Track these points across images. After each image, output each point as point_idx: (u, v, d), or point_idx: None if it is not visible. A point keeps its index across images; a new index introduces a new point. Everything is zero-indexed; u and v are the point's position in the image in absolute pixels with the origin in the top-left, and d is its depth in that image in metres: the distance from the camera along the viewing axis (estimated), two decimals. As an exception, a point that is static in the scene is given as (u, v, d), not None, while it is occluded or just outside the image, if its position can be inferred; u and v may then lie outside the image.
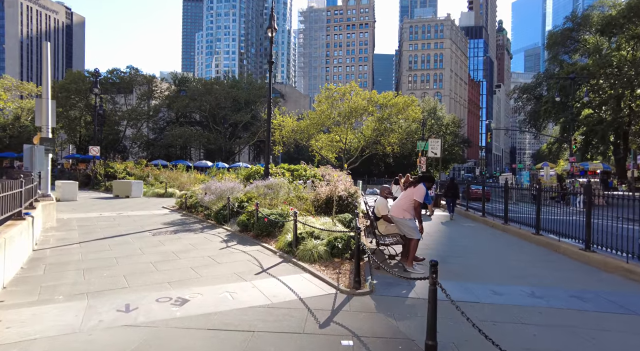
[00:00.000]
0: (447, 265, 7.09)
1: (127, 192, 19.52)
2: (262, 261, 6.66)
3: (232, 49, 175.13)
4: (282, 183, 13.00)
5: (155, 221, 11.34)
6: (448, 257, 7.78)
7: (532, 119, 56.36)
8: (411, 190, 6.65)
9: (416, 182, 6.75)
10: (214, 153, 54.20)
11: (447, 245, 9.23)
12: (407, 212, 6.56)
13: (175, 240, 8.50)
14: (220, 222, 10.76)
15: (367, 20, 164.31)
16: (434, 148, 21.36)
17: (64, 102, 46.11)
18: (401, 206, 6.66)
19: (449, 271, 6.59)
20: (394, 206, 6.80)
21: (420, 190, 6.58)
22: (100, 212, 13.27)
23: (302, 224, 7.38)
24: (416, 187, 6.62)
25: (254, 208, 9.34)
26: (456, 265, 7.09)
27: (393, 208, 6.78)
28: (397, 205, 6.74)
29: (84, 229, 9.66)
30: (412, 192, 6.61)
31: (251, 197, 11.59)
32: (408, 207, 6.56)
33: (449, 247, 9.03)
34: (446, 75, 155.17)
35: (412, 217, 6.54)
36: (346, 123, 43.81)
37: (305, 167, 19.30)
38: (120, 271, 5.79)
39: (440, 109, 55.12)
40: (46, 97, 11.02)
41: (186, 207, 13.93)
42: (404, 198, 6.73)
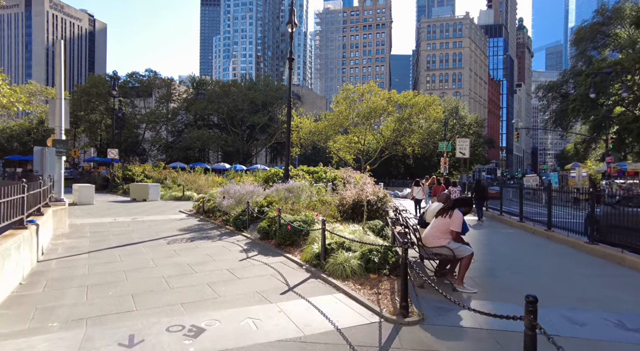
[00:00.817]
0: (498, 280, 6.15)
1: (144, 195, 19.12)
2: (288, 276, 5.86)
3: (249, 52, 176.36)
4: (303, 186, 12.22)
5: (170, 227, 10.72)
6: (495, 270, 6.83)
7: (558, 118, 54.10)
8: (445, 221, 5.66)
9: (450, 208, 5.73)
10: (232, 155, 54.01)
11: (490, 255, 8.24)
12: (441, 239, 5.63)
13: (191, 249, 7.80)
14: (239, 228, 10.05)
15: (384, 20, 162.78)
16: (462, 149, 20.23)
17: (85, 105, 46.75)
18: (432, 235, 5.73)
19: (503, 289, 5.65)
20: (426, 236, 5.87)
21: (457, 218, 5.62)
22: (115, 216, 12.77)
23: (329, 233, 6.56)
24: (452, 216, 5.64)
25: (276, 214, 8.57)
26: (509, 280, 6.14)
27: (425, 238, 5.86)
28: (429, 234, 5.81)
29: (96, 236, 9.09)
30: (447, 222, 5.62)
31: (271, 201, 10.85)
32: (442, 235, 5.64)
33: (492, 257, 8.05)
34: (465, 75, 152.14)
35: (450, 239, 5.63)
36: (365, 124, 42.85)
37: (325, 169, 18.50)
38: (128, 289, 5.09)
39: (463, 108, 53.49)
40: (59, 98, 10.56)
41: (204, 211, 13.32)
42: (435, 227, 5.76)
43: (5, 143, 46.67)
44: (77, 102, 47.38)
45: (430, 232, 5.74)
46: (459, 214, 5.65)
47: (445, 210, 5.75)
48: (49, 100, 10.18)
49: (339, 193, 11.28)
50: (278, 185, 12.11)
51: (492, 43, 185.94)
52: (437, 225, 5.71)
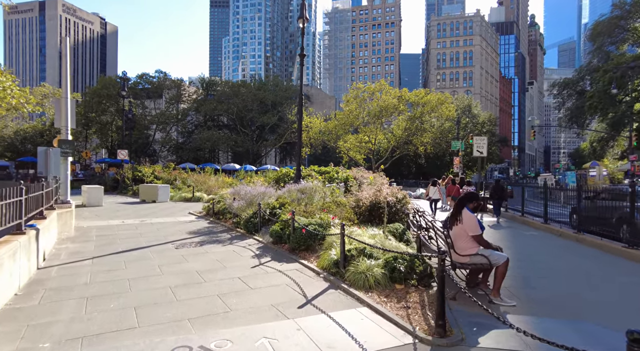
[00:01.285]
0: (536, 291, 5.56)
1: (154, 197, 18.83)
2: (305, 286, 5.35)
3: (257, 52, 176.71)
4: (316, 187, 11.73)
5: (179, 230, 10.32)
6: (530, 278, 6.24)
7: (574, 116, 52.75)
8: (459, 228, 5.08)
9: (457, 213, 5.13)
10: (242, 156, 53.83)
11: (520, 261, 7.62)
12: (472, 247, 5.05)
13: (200, 254, 7.36)
14: (250, 231, 9.60)
15: (393, 19, 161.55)
16: (479, 147, 19.52)
17: (96, 107, 46.97)
18: (460, 246, 5.12)
19: (545, 302, 5.07)
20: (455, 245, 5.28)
21: (469, 220, 5.03)
22: (123, 219, 12.43)
23: (347, 238, 6.05)
24: (463, 220, 5.04)
25: (289, 217, 8.09)
26: (549, 291, 5.54)
27: (455, 247, 5.27)
28: (456, 244, 5.22)
29: (102, 240, 8.71)
30: (462, 228, 5.04)
31: (284, 202, 10.37)
32: (468, 243, 5.06)
33: (523, 263, 7.43)
34: (476, 73, 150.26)
35: (477, 245, 5.04)
36: (375, 123, 42.21)
37: (336, 169, 17.99)
38: (131, 301, 4.64)
39: (475, 107, 52.39)
40: (65, 97, 10.24)
41: (214, 213, 12.91)
42: (457, 238, 5.16)
43: (19, 145, 47.16)
44: (88, 104, 47.65)
45: (456, 243, 5.15)
46: (469, 215, 5.06)
47: (454, 217, 5.16)
48: (55, 100, 9.86)
49: (353, 194, 10.76)
50: (290, 186, 11.64)
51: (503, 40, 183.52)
52: (457, 235, 5.13)
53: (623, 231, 8.76)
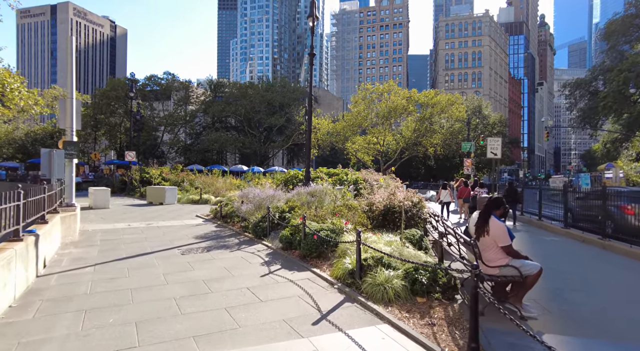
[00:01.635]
0: (571, 306, 5.10)
1: (161, 199, 18.62)
2: (318, 298, 4.97)
3: (265, 54, 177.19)
4: (326, 189, 11.34)
5: (186, 234, 10.00)
6: (562, 290, 5.77)
7: (587, 116, 51.73)
8: (488, 239, 4.61)
9: (484, 222, 4.66)
10: (249, 157, 53.69)
11: (546, 270, 7.10)
12: (501, 258, 4.60)
13: (207, 261, 7.02)
14: (259, 236, 9.25)
15: (400, 20, 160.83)
16: (493, 148, 18.97)
17: (105, 108, 47.17)
18: (488, 258, 4.69)
19: (583, 319, 4.63)
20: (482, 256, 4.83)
21: (498, 230, 4.56)
22: (129, 222, 12.17)
23: (362, 245, 5.65)
24: (491, 231, 4.56)
25: (300, 222, 7.72)
26: (585, 306, 5.09)
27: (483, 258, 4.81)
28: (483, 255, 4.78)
29: (107, 245, 8.42)
30: (491, 239, 4.58)
31: (293, 206, 10.02)
32: (497, 255, 4.61)
33: (550, 273, 6.93)
34: (485, 74, 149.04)
35: (507, 257, 4.61)
36: (384, 124, 41.73)
37: (345, 171, 17.59)
38: (132, 315, 4.30)
39: (486, 107, 51.59)
40: (70, 97, 10.00)
41: (221, 216, 12.60)
42: (484, 250, 4.71)
43: (29, 146, 47.53)
44: (97, 106, 47.88)
45: (484, 253, 4.71)
46: (498, 224, 4.60)
47: (481, 227, 4.68)
48: (60, 100, 9.62)
49: (365, 198, 10.37)
50: (300, 189, 11.27)
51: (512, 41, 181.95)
52: (485, 245, 4.67)
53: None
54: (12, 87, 16.71)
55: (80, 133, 49.42)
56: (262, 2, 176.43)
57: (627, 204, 9.65)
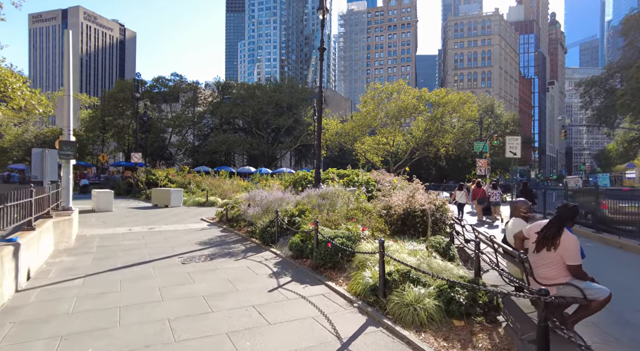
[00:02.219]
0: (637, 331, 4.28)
1: (166, 201, 18.06)
2: (336, 320, 4.23)
3: (273, 56, 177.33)
4: (338, 191, 10.61)
5: (189, 239, 9.35)
6: (622, 311, 4.91)
7: (603, 115, 50.33)
8: (553, 255, 3.77)
9: (556, 234, 3.77)
10: (257, 158, 53.18)
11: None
12: (559, 276, 3.78)
13: (209, 272, 6.33)
14: (266, 242, 8.54)
15: (409, 20, 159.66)
16: (512, 148, 18.08)
17: (113, 110, 47.04)
18: (543, 275, 3.87)
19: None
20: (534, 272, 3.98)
21: (571, 244, 3.69)
22: (130, 226, 11.57)
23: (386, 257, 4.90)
24: (561, 245, 3.71)
25: (311, 228, 7.01)
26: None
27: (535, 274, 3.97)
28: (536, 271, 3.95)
29: (102, 252, 7.79)
30: (557, 255, 3.74)
31: (303, 209, 9.29)
32: (556, 272, 3.80)
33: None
34: (495, 73, 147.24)
35: (570, 275, 3.80)
36: (394, 124, 40.84)
37: (356, 172, 16.85)
38: (117, 343, 3.61)
39: (498, 106, 50.31)
40: (67, 95, 9.42)
41: (227, 219, 11.94)
42: (542, 265, 3.88)
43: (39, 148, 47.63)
44: (106, 107, 47.79)
45: (540, 269, 3.91)
46: (572, 238, 3.73)
47: (550, 239, 3.82)
48: (57, 99, 9.04)
49: (380, 200, 9.62)
50: (310, 191, 10.57)
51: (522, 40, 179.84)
52: (546, 260, 3.85)
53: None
54: (14, 87, 16.29)
55: (89, 136, 49.40)
56: (270, 3, 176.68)
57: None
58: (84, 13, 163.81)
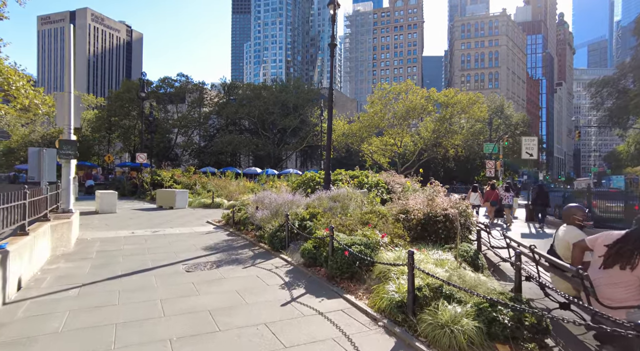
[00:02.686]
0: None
1: (171, 203, 17.64)
2: (361, 344, 3.70)
3: (279, 57, 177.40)
4: (351, 194, 10.09)
5: (194, 244, 8.86)
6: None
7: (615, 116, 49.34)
8: (628, 274, 3.23)
9: (636, 250, 3.22)
10: (263, 159, 52.78)
11: None
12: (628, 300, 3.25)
13: (215, 282, 5.82)
14: (276, 248, 8.03)
15: (415, 20, 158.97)
16: (529, 149, 17.43)
17: (119, 110, 46.92)
18: (610, 294, 3.33)
19: None
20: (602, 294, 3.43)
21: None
22: (134, 229, 11.12)
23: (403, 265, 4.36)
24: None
25: (326, 233, 6.49)
26: None
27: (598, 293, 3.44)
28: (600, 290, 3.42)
29: (102, 258, 7.33)
30: (634, 276, 3.21)
31: (314, 212, 8.77)
32: (628, 296, 3.25)
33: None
34: (502, 74, 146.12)
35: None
36: (402, 125, 40.22)
37: (366, 173, 16.32)
38: (109, 371, 3.12)
39: (508, 107, 49.45)
40: (68, 92, 9.00)
41: (234, 222, 11.45)
42: (606, 283, 3.36)
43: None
44: (111, 108, 47.69)
45: (606, 288, 3.33)
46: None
47: (626, 256, 3.23)
48: (57, 95, 8.64)
49: (395, 203, 9.08)
50: (320, 193, 10.05)
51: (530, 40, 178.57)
52: (614, 280, 3.29)
53: None
54: (18, 85, 15.98)
55: (95, 136, 49.32)
56: (276, 5, 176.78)
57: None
58: (92, 15, 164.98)
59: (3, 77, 15.97)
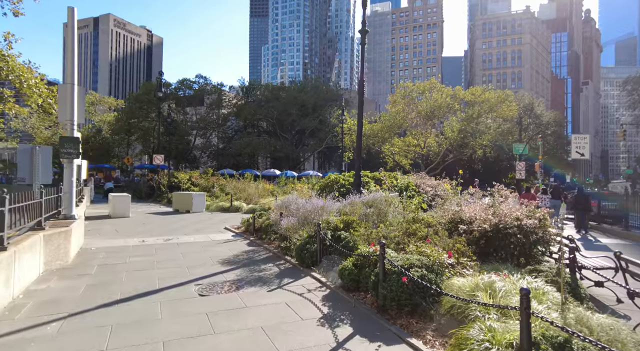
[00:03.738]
0: None
1: (188, 206, 16.64)
2: None
3: (296, 59, 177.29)
4: (389, 198, 8.74)
5: (210, 256, 7.68)
6: None
7: (655, 114, 46.38)
8: None
9: None
10: (281, 161, 51.84)
11: None
12: None
13: (235, 312, 4.57)
14: (305, 264, 6.75)
15: (435, 20, 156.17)
16: (579, 148, 15.73)
17: (137, 112, 46.83)
18: None
19: None
20: None
21: None
22: (145, 236, 10.06)
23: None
24: None
25: (371, 250, 5.17)
26: None
27: None
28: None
29: (103, 274, 6.21)
30: None
31: (348, 220, 7.47)
32: None
33: None
34: (526, 73, 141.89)
35: None
36: (426, 125, 38.51)
37: (394, 175, 14.93)
38: None
39: (538, 105, 47.02)
40: (71, 83, 8.00)
41: (254, 229, 10.27)
42: None
43: (65, 151, 47.97)
44: (130, 109, 47.68)
45: None
46: None
47: None
48: (58, 87, 7.62)
49: (444, 210, 7.69)
50: (353, 198, 8.73)
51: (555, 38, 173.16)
52: None
53: None
54: (30, 83, 15.31)
55: (114, 138, 49.37)
56: (293, 7, 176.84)
57: None
58: (114, 20, 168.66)
59: (15, 75, 15.22)
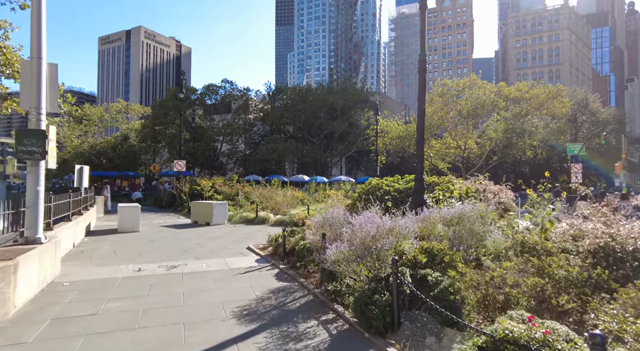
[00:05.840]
0: None
1: (208, 218, 14.41)
2: None
3: (322, 65, 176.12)
4: (480, 213, 5.99)
5: (223, 301, 5.20)
6: None
7: None
8: None
9: None
10: (308, 166, 49.55)
11: None
12: None
13: None
14: (373, 326, 4.10)
15: (464, 19, 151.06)
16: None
17: (163, 119, 45.99)
18: None
19: None
20: None
21: None
22: (144, 261, 7.73)
23: None
24: None
25: (525, 330, 2.51)
26: None
27: None
28: None
29: (45, 341, 3.83)
30: None
31: (433, 249, 4.78)
32: None
33: None
34: (564, 71, 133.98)
35: None
36: (467, 125, 35.17)
37: (450, 179, 12.15)
38: None
39: (593, 101, 42.29)
40: (37, 57, 5.81)
41: (284, 252, 7.74)
42: None
43: (94, 159, 47.71)
44: (156, 116, 46.94)
45: None
46: None
47: None
48: (22, 62, 5.29)
49: (572, 228, 4.90)
50: (430, 212, 6.03)
51: (595, 34, 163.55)
52: None
53: None
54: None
55: (141, 145, 48.74)
56: (319, 12, 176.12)
57: None
58: (145, 32, 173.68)
59: (14, 69, 13.27)
